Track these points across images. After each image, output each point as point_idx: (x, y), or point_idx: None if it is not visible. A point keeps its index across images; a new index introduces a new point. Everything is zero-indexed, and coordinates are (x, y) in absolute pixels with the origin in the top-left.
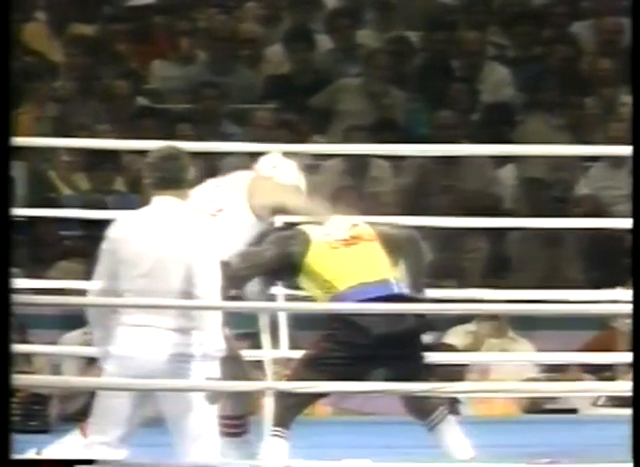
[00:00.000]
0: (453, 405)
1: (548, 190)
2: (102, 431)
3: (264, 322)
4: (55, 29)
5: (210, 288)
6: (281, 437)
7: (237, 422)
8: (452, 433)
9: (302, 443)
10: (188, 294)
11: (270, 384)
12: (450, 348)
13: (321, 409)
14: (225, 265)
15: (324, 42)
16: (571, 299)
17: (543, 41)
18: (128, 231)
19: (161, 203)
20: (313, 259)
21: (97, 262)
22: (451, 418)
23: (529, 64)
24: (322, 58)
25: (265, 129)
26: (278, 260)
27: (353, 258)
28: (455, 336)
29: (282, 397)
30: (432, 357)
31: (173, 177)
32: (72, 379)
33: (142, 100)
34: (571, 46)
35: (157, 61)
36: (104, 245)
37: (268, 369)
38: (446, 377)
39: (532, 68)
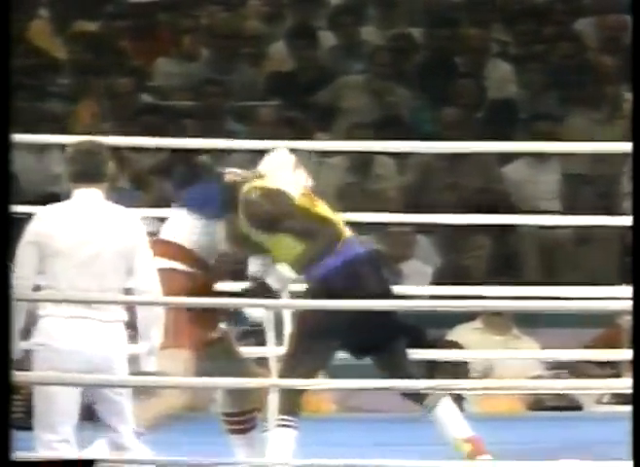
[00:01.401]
0: (458, 402)
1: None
2: (50, 428)
3: (268, 318)
4: (59, 27)
5: (150, 281)
6: (289, 426)
7: (241, 419)
8: (451, 413)
9: (309, 440)
10: (126, 287)
11: (275, 381)
12: (455, 345)
13: (326, 405)
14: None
15: (327, 39)
16: (575, 296)
17: (545, 38)
18: (54, 224)
19: (84, 197)
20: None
21: (18, 257)
22: (448, 401)
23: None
24: (325, 55)
25: (268, 127)
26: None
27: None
28: (460, 333)
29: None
30: (436, 354)
31: (93, 171)
32: (72, 377)
33: (145, 97)
34: (573, 43)
35: (160, 59)
36: (26, 239)
37: (273, 365)
38: (451, 375)
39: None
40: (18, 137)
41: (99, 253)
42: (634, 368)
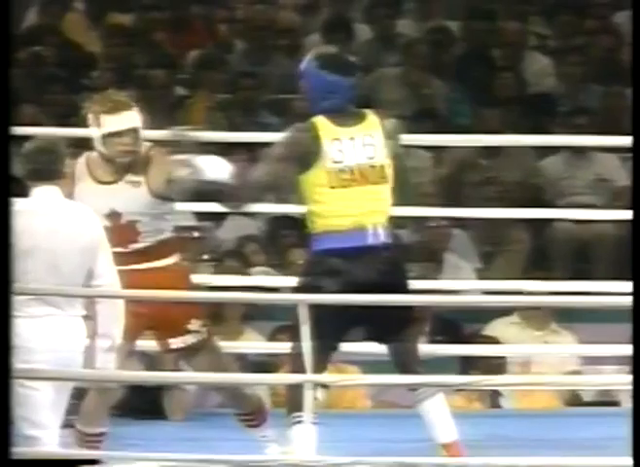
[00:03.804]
0: (494, 397)
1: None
2: (34, 425)
3: (303, 313)
4: (93, 19)
5: (111, 277)
6: (304, 422)
7: (250, 417)
8: (437, 414)
9: (344, 436)
10: (87, 283)
11: (309, 377)
12: (492, 340)
13: (361, 402)
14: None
15: (363, 31)
16: (613, 291)
17: (585, 31)
18: (14, 224)
19: (43, 195)
20: (310, 185)
21: None
22: (441, 398)
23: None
24: (361, 48)
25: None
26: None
27: (346, 201)
28: (497, 327)
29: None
30: (473, 349)
31: (50, 169)
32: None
33: (180, 90)
34: (613, 36)
35: (195, 51)
36: None
37: (308, 361)
38: (488, 370)
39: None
40: (53, 131)
41: (60, 252)
42: (634, 367)
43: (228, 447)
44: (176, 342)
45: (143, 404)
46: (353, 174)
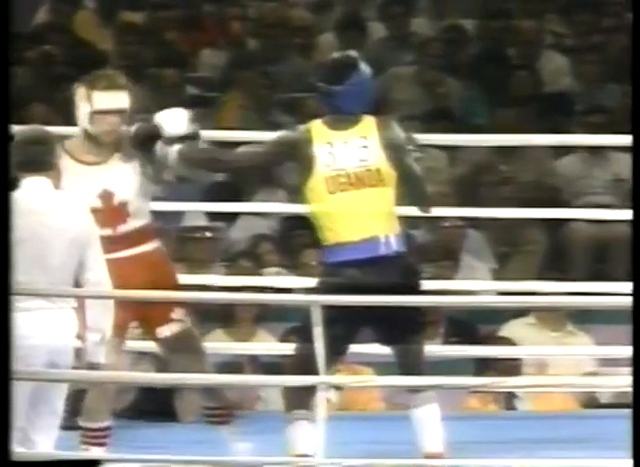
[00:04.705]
0: (510, 400)
1: None
2: (32, 425)
3: (316, 315)
4: (104, 18)
5: (102, 270)
6: (302, 419)
7: (220, 412)
8: (429, 422)
9: (358, 438)
10: (77, 276)
11: (322, 379)
12: (507, 342)
13: (375, 403)
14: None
15: (377, 30)
16: (630, 291)
17: (602, 29)
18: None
19: (33, 186)
20: (311, 193)
21: None
22: (435, 407)
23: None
24: (375, 47)
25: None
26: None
27: (347, 207)
28: (512, 329)
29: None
30: (488, 351)
31: (40, 160)
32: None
33: (191, 89)
34: (630, 34)
35: (207, 49)
36: None
37: (321, 363)
38: (503, 372)
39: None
40: (63, 130)
41: (50, 243)
42: (634, 367)
43: (239, 449)
44: (163, 331)
45: (155, 406)
46: (349, 178)
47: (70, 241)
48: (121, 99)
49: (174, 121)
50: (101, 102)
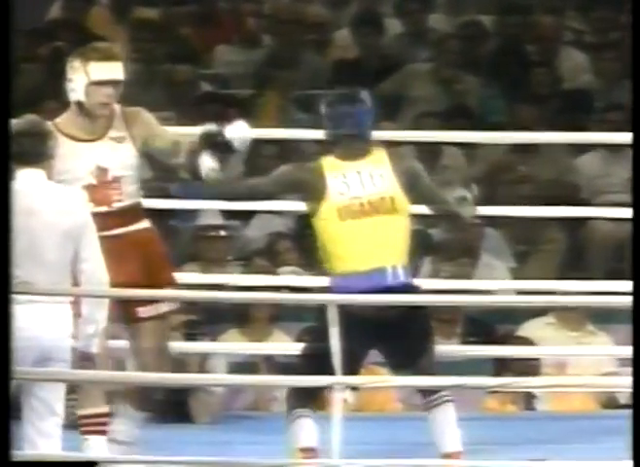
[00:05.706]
0: (529, 400)
1: None
2: (32, 424)
3: (332, 315)
4: (118, 13)
5: (97, 261)
6: (305, 416)
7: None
8: (446, 422)
9: (375, 439)
10: (73, 268)
11: (339, 379)
12: (526, 341)
13: (391, 404)
14: None
15: (393, 26)
16: None
17: (621, 26)
18: None
19: (26, 178)
20: (321, 221)
21: None
22: (451, 407)
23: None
24: (391, 43)
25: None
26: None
27: (358, 235)
28: (531, 328)
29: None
30: (506, 351)
31: (34, 152)
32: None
33: (205, 86)
34: None
35: (221, 46)
36: None
37: (337, 363)
38: (522, 372)
39: None
40: None
41: (43, 235)
42: (634, 368)
43: (254, 450)
44: (146, 311)
45: (169, 407)
46: (363, 206)
47: (64, 234)
48: (116, 70)
49: (242, 134)
50: (97, 73)
